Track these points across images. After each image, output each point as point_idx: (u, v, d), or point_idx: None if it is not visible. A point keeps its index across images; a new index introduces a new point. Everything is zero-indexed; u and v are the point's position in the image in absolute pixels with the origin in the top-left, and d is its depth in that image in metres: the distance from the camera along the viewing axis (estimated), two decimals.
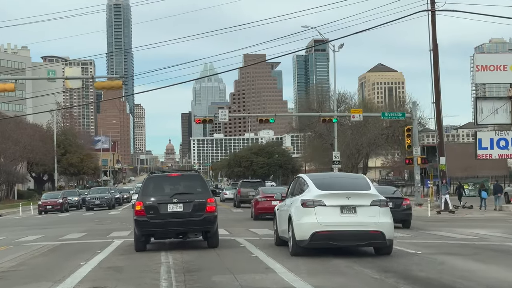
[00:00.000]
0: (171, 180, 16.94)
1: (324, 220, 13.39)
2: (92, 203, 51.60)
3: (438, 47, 41.66)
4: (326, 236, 13.35)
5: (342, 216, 13.46)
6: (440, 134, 41.55)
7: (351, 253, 14.26)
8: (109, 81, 27.39)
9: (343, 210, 13.50)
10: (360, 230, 13.38)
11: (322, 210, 13.50)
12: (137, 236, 16.24)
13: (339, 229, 13.35)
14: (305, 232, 13.54)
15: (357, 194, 13.69)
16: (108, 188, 56.46)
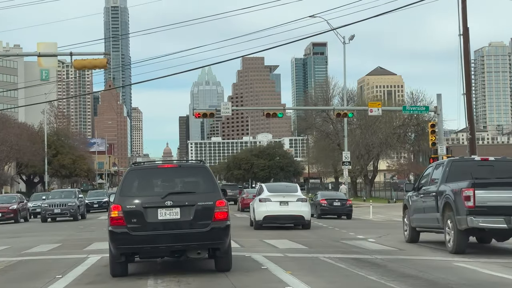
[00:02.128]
0: (163, 174, 11.89)
1: (270, 209, 24.08)
2: (49, 211, 37.15)
3: (469, 31, 36.82)
4: (271, 218, 24.12)
5: (280, 207, 24.20)
6: (471, 129, 36.64)
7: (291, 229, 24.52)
8: (91, 59, 22.53)
9: (281, 204, 24.29)
10: (290, 214, 24.28)
11: (269, 204, 24.23)
12: (114, 255, 11.33)
13: (278, 214, 24.17)
14: (260, 216, 24.14)
15: (289, 195, 24.73)
16: (74, 191, 41.99)
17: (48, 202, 37.90)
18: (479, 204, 14.07)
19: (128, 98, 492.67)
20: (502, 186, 14.37)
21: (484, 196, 14.13)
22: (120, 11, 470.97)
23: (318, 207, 34.44)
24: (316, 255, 14.30)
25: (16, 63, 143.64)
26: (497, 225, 14.08)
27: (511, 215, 13.97)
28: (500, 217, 13.99)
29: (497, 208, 14.06)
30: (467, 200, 14.14)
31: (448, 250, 15.00)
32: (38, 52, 22.60)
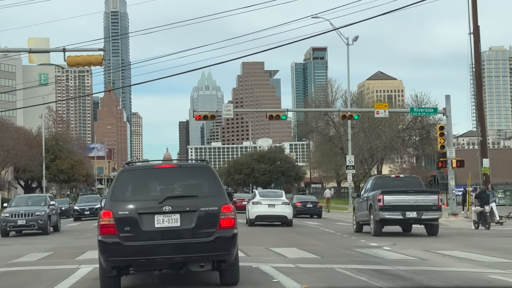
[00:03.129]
0: (161, 175, 10.40)
1: (261, 210, 30.50)
2: (11, 223, 29.11)
3: (479, 29, 35.63)
4: (262, 217, 30.53)
5: (269, 209, 30.50)
6: (482, 131, 35.39)
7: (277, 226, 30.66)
8: (86, 55, 21.15)
9: (269, 206, 30.57)
10: (276, 215, 30.55)
11: (260, 206, 30.67)
12: (104, 269, 9.91)
13: (267, 214, 30.53)
14: (253, 215, 30.55)
15: (276, 199, 31.41)
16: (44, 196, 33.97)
17: (10, 211, 29.64)
18: (386, 204, 22.25)
19: (128, 103, 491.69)
20: (400, 193, 22.69)
21: (389, 199, 22.35)
22: (120, 16, 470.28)
23: (294, 208, 37.67)
24: (331, 266, 12.94)
25: (14, 67, 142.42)
26: (396, 217, 22.46)
27: (405, 210, 22.37)
28: (398, 212, 22.37)
29: (396, 206, 22.36)
30: (379, 202, 22.31)
31: (371, 234, 22.78)
32: (29, 48, 21.25)
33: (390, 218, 22.31)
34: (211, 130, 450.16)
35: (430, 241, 19.98)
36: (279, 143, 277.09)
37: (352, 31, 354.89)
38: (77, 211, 44.80)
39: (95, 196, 51.21)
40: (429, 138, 65.57)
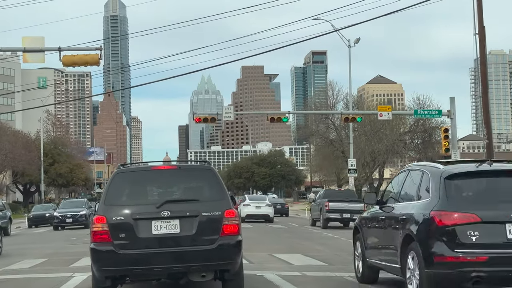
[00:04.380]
0: (159, 178, 9.63)
1: (250, 210, 40.47)
2: None
3: (485, 29, 34.84)
4: (250, 215, 39.86)
5: (256, 209, 40.65)
6: (488, 133, 34.56)
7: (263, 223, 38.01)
8: (82, 55, 20.42)
9: (256, 207, 40.83)
10: (261, 214, 40.61)
11: (249, 207, 40.87)
12: (97, 279, 9.19)
13: (254, 213, 40.46)
14: (243, 215, 38.88)
15: (261, 202, 42.44)
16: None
17: None
18: (330, 208, 33.61)
19: (128, 107, 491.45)
20: (339, 201, 34.23)
21: (332, 205, 33.69)
22: (120, 20, 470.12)
23: None
24: (340, 274, 12.22)
25: (13, 71, 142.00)
26: (336, 216, 33.75)
27: (342, 213, 33.65)
28: (338, 213, 33.68)
29: (337, 210, 33.64)
30: (326, 206, 33.68)
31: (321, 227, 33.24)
32: (23, 47, 20.53)
33: (333, 217, 33.82)
34: (211, 134, 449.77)
35: None
36: (279, 147, 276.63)
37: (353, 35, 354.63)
38: (58, 218, 38.08)
39: (80, 201, 44.35)
40: (431, 141, 64.77)
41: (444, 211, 8.11)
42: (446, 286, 8.10)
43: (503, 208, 8.08)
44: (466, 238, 7.95)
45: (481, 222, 7.98)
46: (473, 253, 7.91)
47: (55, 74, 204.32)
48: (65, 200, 50.72)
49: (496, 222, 8.02)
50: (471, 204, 8.17)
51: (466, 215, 8.00)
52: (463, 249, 7.94)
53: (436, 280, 8.06)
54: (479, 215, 7.98)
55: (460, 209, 8.07)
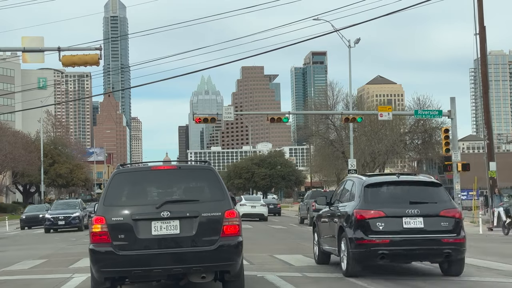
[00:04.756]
0: (158, 178, 9.52)
1: (246, 210, 42.70)
2: None
3: (485, 30, 34.87)
4: (246, 215, 41.41)
5: (251, 209, 43.76)
6: (489, 134, 34.58)
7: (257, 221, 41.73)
8: (81, 55, 20.35)
9: (252, 207, 44.07)
10: (256, 213, 43.68)
11: (245, 207, 43.55)
12: (96, 280, 9.11)
13: (250, 212, 43.20)
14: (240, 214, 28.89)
15: (256, 202, 46.04)
16: None
17: None
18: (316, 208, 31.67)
19: (128, 107, 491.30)
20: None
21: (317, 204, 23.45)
22: (120, 20, 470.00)
23: None
24: (341, 275, 12.12)
25: (13, 71, 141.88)
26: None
27: None
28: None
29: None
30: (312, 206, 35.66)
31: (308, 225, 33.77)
32: (22, 47, 20.45)
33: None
34: (211, 134, 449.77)
35: None
36: (279, 147, 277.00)
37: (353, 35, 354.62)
38: (49, 220, 35.89)
39: (73, 202, 41.48)
40: (431, 142, 64.63)
41: (362, 210, 11.75)
42: (363, 260, 11.76)
43: (401, 207, 11.76)
44: (376, 227, 11.57)
45: (386, 216, 11.63)
46: (380, 237, 11.50)
47: (55, 74, 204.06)
48: (57, 201, 46.99)
49: (396, 216, 11.65)
50: (380, 204, 11.83)
51: (376, 212, 11.67)
52: (374, 235, 11.54)
53: (357, 257, 11.66)
54: (384, 211, 11.67)
55: (372, 208, 11.71)
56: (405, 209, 11.60)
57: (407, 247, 11.57)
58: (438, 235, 11.65)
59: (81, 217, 36.46)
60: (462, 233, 11.92)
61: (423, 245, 11.62)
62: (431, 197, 12.08)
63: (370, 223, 11.57)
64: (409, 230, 11.54)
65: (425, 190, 12.31)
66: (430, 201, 12.00)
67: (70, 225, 36.02)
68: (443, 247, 11.60)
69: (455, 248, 11.69)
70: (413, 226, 11.59)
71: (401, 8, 30.38)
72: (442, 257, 11.80)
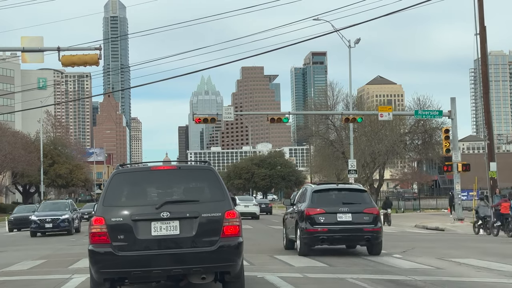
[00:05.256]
0: (158, 178, 9.45)
1: (240, 209, 33.81)
2: None
3: (486, 30, 34.80)
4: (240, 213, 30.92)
5: (244, 208, 45.64)
6: (489, 134, 34.52)
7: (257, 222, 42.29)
8: (81, 55, 20.28)
9: (245, 206, 46.47)
10: (249, 212, 46.70)
11: (240, 206, 42.23)
12: (95, 281, 9.04)
13: (243, 211, 43.29)
14: None
15: (249, 202, 49.89)
16: None
17: None
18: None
19: (127, 108, 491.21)
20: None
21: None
22: (120, 20, 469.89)
23: None
24: (342, 276, 12.06)
25: (12, 72, 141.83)
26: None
27: None
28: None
29: None
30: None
31: None
32: (22, 47, 20.39)
33: None
34: (211, 135, 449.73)
35: (443, 248, 19.07)
36: (279, 147, 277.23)
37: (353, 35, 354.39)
38: (35, 223, 32.66)
39: (63, 203, 37.67)
40: (431, 142, 64.49)
41: (310, 208, 16.62)
42: (310, 244, 16.55)
43: (336, 206, 16.68)
44: (319, 220, 16.44)
45: (326, 213, 16.48)
46: (321, 227, 16.34)
47: (54, 74, 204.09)
48: (45, 201, 43.21)
49: (332, 213, 16.52)
50: (322, 204, 16.72)
51: (319, 210, 16.56)
52: (317, 225, 16.38)
53: (306, 241, 16.47)
54: (325, 209, 16.56)
55: (317, 207, 16.59)
56: (339, 207, 16.59)
57: (340, 234, 16.50)
58: (361, 225, 16.43)
59: (70, 220, 33.02)
60: (379, 224, 16.70)
61: (351, 232, 16.51)
62: (357, 199, 16.92)
63: (315, 218, 16.52)
64: (342, 222, 16.47)
65: (354, 194, 17.29)
66: (357, 202, 16.82)
67: (58, 228, 32.64)
68: (365, 234, 16.40)
69: (373, 235, 16.39)
70: (344, 219, 16.51)
71: (401, 8, 30.34)
72: (364, 241, 16.61)
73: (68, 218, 32.87)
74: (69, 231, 32.76)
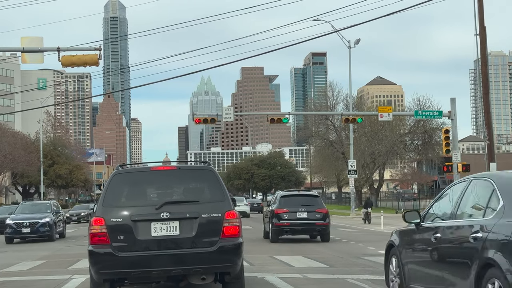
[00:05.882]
0: (158, 179, 9.42)
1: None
2: None
3: (486, 30, 34.71)
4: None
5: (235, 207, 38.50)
6: (489, 134, 34.43)
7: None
8: (81, 55, 20.27)
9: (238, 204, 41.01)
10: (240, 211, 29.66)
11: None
12: (95, 282, 9.02)
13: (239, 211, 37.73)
14: None
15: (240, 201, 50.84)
16: None
17: None
18: None
19: (127, 108, 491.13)
20: None
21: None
22: (119, 21, 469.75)
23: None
24: (342, 277, 12.05)
25: (12, 72, 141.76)
26: None
27: None
28: None
29: None
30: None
31: None
32: (22, 48, 20.37)
33: None
34: (211, 135, 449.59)
35: None
36: (279, 148, 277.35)
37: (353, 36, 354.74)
38: (11, 227, 28.37)
39: (43, 204, 32.70)
40: (431, 142, 64.47)
41: (278, 208, 22.75)
42: (278, 234, 22.75)
43: (296, 207, 23.00)
44: (284, 217, 22.56)
45: (289, 212, 22.80)
46: (285, 222, 22.52)
47: (54, 75, 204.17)
48: (24, 203, 37.37)
49: (293, 211, 22.84)
50: (287, 206, 22.97)
51: (285, 210, 22.68)
52: (282, 221, 22.53)
53: (275, 232, 22.69)
54: (288, 209, 22.74)
55: (283, 208, 22.78)
56: (298, 208, 22.94)
57: (299, 226, 22.84)
58: (314, 221, 22.84)
59: (52, 223, 28.54)
60: (327, 220, 23.09)
61: (307, 226, 22.95)
62: (312, 202, 23.57)
63: (281, 215, 22.72)
64: (300, 218, 22.78)
65: (310, 198, 24.10)
66: (311, 204, 23.37)
67: (37, 234, 28.25)
68: (316, 227, 22.95)
69: (323, 228, 22.90)
70: (302, 216, 22.82)
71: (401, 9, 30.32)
72: (316, 232, 23.16)
73: (48, 222, 28.42)
74: (50, 236, 28.31)
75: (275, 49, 30.17)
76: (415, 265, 7.93)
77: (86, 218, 51.86)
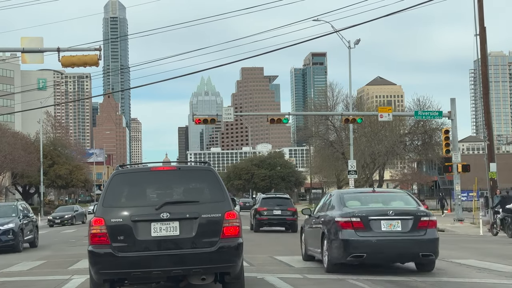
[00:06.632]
0: (158, 179, 9.42)
1: None
2: None
3: (485, 30, 34.78)
4: None
5: None
6: (489, 134, 34.48)
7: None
8: (81, 55, 20.28)
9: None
10: None
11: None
12: (95, 282, 9.03)
13: None
14: None
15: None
16: None
17: None
18: None
19: (127, 109, 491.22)
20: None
21: None
22: (119, 21, 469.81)
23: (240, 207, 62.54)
24: (342, 277, 12.04)
25: (12, 72, 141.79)
26: None
27: None
28: None
29: None
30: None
31: None
32: (22, 48, 20.38)
33: None
34: (211, 135, 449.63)
35: (443, 249, 19.01)
36: (279, 148, 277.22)
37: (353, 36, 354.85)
38: None
39: (9, 206, 25.25)
40: (431, 143, 64.46)
41: (260, 207, 30.73)
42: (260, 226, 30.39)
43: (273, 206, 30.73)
44: (263, 213, 30.31)
45: (267, 209, 30.46)
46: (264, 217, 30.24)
47: (54, 75, 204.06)
48: None
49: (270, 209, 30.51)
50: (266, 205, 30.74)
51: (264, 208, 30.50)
52: (262, 216, 30.27)
53: (256, 224, 30.38)
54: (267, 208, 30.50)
55: (264, 207, 30.69)
56: (274, 206, 29.69)
57: (274, 221, 29.78)
58: (285, 216, 29.68)
59: (17, 231, 22.60)
60: (295, 216, 29.69)
61: (280, 220, 29.91)
62: (285, 203, 30.47)
63: (261, 212, 29.71)
64: (275, 215, 29.73)
65: (284, 200, 31.07)
66: (284, 204, 30.35)
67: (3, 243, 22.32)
68: (287, 221, 29.81)
69: (292, 222, 29.79)
70: (277, 213, 29.63)
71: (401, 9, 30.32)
72: (287, 225, 29.89)
73: (13, 229, 22.52)
74: (14, 247, 22.43)
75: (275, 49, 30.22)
76: (308, 236, 14.96)
77: (71, 221, 49.45)
